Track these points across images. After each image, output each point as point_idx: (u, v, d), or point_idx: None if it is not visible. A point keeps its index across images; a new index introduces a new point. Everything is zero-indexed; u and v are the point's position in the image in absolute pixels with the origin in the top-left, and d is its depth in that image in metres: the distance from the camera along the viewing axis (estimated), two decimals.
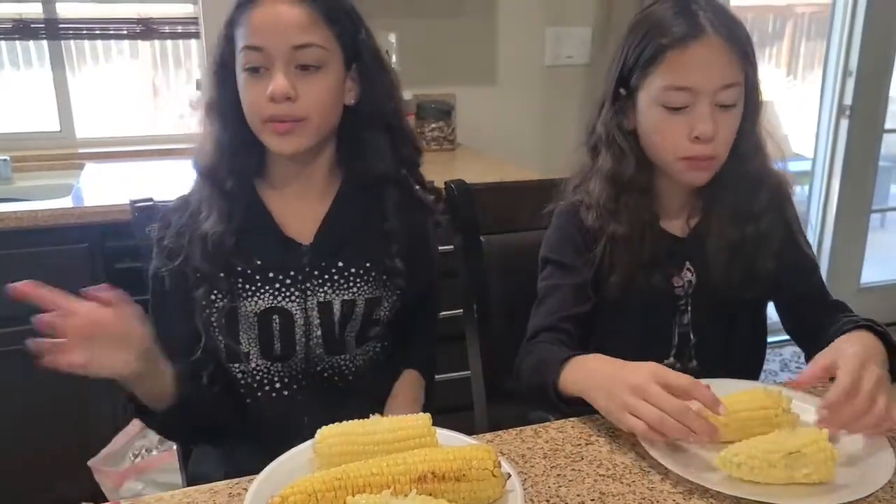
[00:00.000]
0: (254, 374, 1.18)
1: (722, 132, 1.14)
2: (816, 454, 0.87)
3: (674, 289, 1.25)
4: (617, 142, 1.22)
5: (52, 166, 2.61)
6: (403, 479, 0.81)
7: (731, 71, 1.13)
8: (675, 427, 0.90)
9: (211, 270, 1.14)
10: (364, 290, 1.19)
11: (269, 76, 1.09)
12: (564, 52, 3.01)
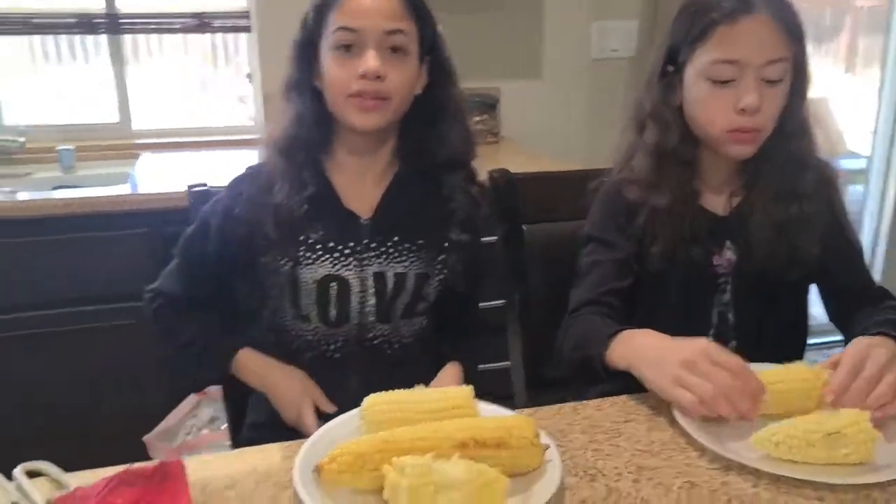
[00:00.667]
0: (310, 337, 1.27)
1: (767, 106, 1.16)
2: (857, 435, 0.87)
3: (714, 267, 1.26)
4: (663, 115, 1.24)
5: (111, 156, 2.71)
6: (446, 445, 0.84)
7: (779, 46, 1.15)
8: (725, 404, 0.92)
9: (280, 238, 1.21)
10: (415, 266, 1.26)
11: (360, 55, 1.16)
12: (610, 46, 3.00)
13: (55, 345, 2.14)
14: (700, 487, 0.87)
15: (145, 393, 2.21)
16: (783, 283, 1.24)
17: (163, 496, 0.82)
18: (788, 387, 0.99)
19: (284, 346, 1.30)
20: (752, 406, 0.93)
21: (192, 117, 2.97)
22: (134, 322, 2.18)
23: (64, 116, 2.80)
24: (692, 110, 1.22)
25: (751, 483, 0.87)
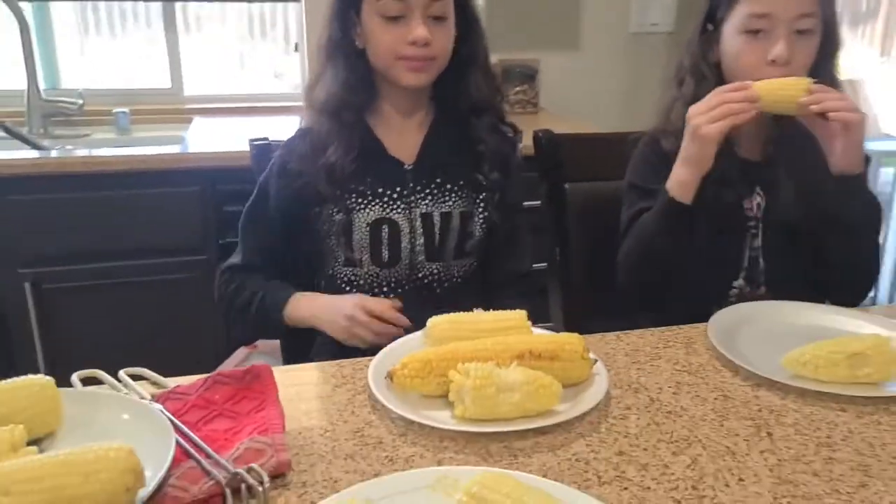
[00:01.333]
0: (366, 279, 1.35)
1: (798, 57, 1.24)
2: (878, 356, 0.96)
3: (744, 210, 1.34)
4: (700, 69, 1.34)
5: (163, 119, 2.83)
6: (505, 356, 0.94)
7: (807, 1, 1.24)
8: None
9: (333, 192, 1.31)
10: (458, 204, 1.35)
11: (406, 22, 1.24)
12: (649, 20, 3.05)
13: (110, 296, 2.25)
14: (733, 399, 0.96)
15: (198, 345, 2.33)
16: (812, 233, 1.31)
17: (254, 392, 0.93)
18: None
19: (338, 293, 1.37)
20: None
21: (237, 85, 3.07)
22: (187, 275, 2.30)
23: (119, 81, 2.93)
24: (728, 63, 1.32)
25: (779, 397, 0.96)
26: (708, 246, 1.30)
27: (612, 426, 0.90)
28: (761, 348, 1.06)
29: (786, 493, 0.77)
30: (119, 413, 0.85)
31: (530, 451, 0.84)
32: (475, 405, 0.87)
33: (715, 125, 1.19)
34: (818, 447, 0.85)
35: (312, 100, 1.34)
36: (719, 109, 1.18)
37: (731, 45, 1.30)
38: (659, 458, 0.83)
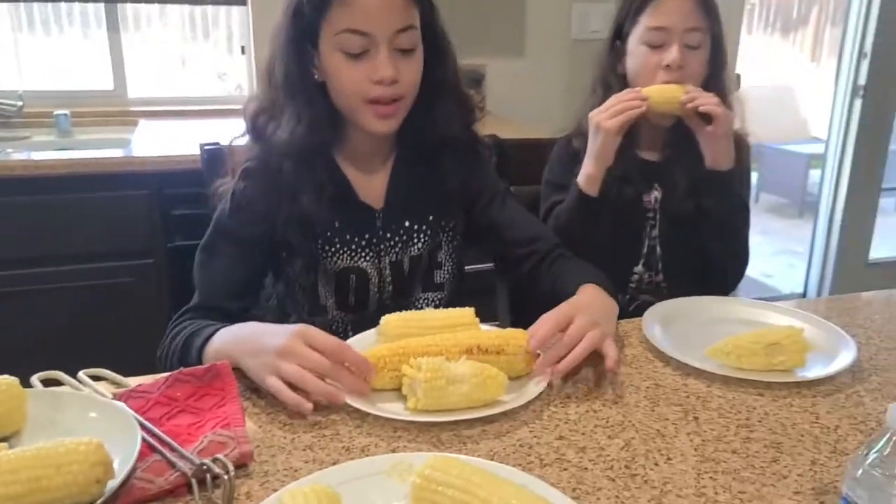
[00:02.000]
0: (330, 325, 1.30)
1: (688, 66, 1.42)
2: (792, 345, 1.05)
3: (643, 204, 1.52)
4: (608, 80, 1.52)
5: (106, 122, 2.80)
6: (454, 350, 1.00)
7: (696, 17, 1.42)
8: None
9: (302, 241, 1.23)
10: (427, 244, 1.32)
11: (370, 58, 1.13)
12: (590, 27, 3.16)
13: (56, 301, 2.23)
14: (664, 387, 1.04)
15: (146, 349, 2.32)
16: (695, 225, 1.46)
17: (215, 388, 0.97)
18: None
19: None
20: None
21: (178, 87, 3.07)
22: (135, 279, 2.30)
23: (58, 82, 2.88)
24: (632, 71, 1.49)
25: (705, 384, 1.05)
26: (611, 237, 1.45)
27: (553, 413, 0.97)
28: (690, 340, 1.15)
29: (708, 470, 0.85)
30: (85, 411, 0.88)
31: (478, 437, 0.91)
32: (427, 397, 0.93)
33: (613, 120, 1.36)
34: (738, 428, 0.94)
35: (266, 136, 1.22)
36: (615, 107, 1.37)
37: (635, 56, 1.47)
38: (595, 441, 0.90)
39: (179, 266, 1.39)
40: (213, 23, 3.06)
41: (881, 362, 1.13)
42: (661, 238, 1.52)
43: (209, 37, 3.08)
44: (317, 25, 1.15)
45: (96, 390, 0.98)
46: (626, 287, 1.54)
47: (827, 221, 3.79)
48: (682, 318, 1.24)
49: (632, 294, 1.54)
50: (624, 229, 1.50)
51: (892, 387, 1.05)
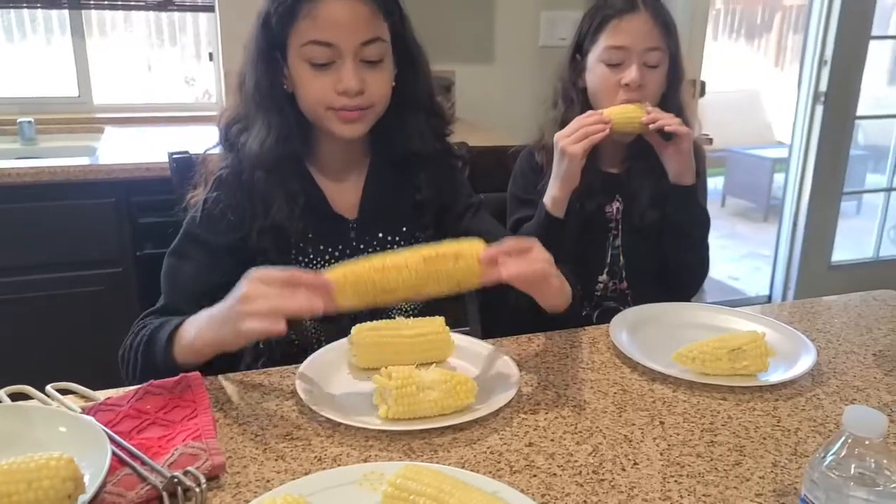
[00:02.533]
0: (303, 336, 1.29)
1: (647, 84, 1.46)
2: (754, 350, 1.08)
3: (606, 215, 1.55)
4: (569, 94, 1.54)
5: (71, 129, 2.78)
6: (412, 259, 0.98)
7: (654, 37, 1.45)
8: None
9: (276, 252, 1.22)
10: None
11: (336, 69, 1.14)
12: (558, 34, 3.20)
13: (21, 311, 2.21)
14: (631, 393, 1.06)
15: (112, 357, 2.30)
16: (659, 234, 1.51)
17: (186, 400, 0.97)
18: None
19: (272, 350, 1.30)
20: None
21: (145, 93, 3.04)
22: (102, 288, 2.28)
23: (20, 89, 2.84)
24: (592, 88, 1.52)
25: (671, 389, 1.07)
26: (576, 247, 1.48)
27: (523, 420, 0.98)
28: (656, 346, 1.17)
29: (673, 474, 0.87)
30: (54, 426, 0.88)
31: (449, 445, 0.92)
32: (398, 404, 0.94)
33: (578, 145, 1.38)
34: (702, 432, 0.96)
35: (240, 145, 1.22)
36: (579, 132, 1.39)
37: (594, 73, 1.50)
38: (564, 447, 0.92)
39: (149, 274, 1.37)
40: (179, 28, 3.04)
41: (839, 366, 1.16)
42: (624, 247, 1.55)
43: (176, 42, 3.06)
44: (284, 37, 1.16)
45: (65, 404, 0.97)
46: (592, 295, 1.57)
47: (791, 225, 3.87)
48: (648, 324, 1.27)
49: (597, 301, 1.57)
50: (588, 240, 1.53)
51: (849, 389, 1.08)
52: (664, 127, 1.40)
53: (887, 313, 1.37)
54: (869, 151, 4.38)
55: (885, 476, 0.72)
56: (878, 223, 4.06)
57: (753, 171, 5.84)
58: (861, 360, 1.18)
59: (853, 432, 0.73)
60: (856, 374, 1.13)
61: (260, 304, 0.93)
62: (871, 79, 3.73)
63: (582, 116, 1.42)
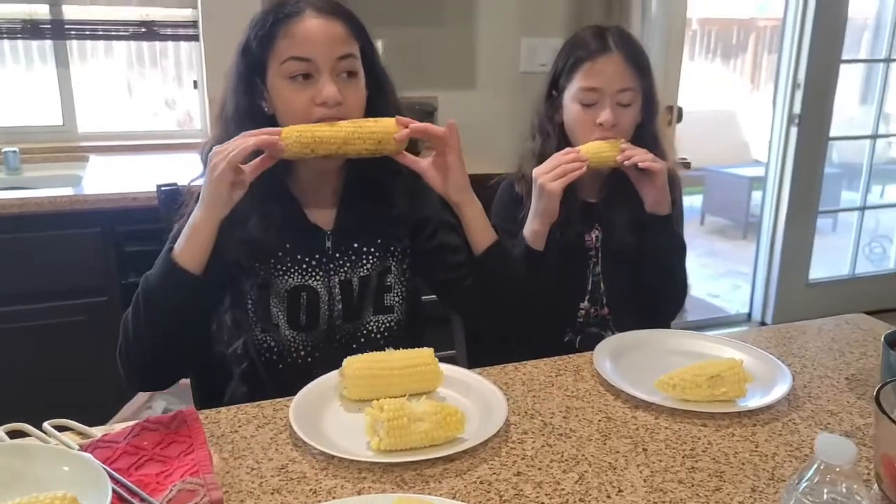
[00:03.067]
0: (282, 344, 1.32)
1: (621, 123, 1.51)
2: (732, 377, 1.12)
3: (586, 243, 1.60)
4: (546, 129, 1.59)
5: (57, 158, 2.78)
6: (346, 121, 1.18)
7: (627, 78, 1.51)
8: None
9: (252, 264, 1.29)
10: (376, 265, 1.35)
11: (314, 83, 1.22)
12: (538, 60, 3.26)
13: (5, 342, 2.21)
14: (615, 420, 1.09)
15: (98, 387, 2.30)
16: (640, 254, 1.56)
17: (182, 436, 0.99)
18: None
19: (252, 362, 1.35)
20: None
21: (128, 121, 3.06)
22: (87, 317, 2.29)
23: (7, 119, 2.85)
24: (568, 126, 1.57)
25: (653, 416, 1.11)
26: (558, 275, 1.53)
27: (511, 450, 1.01)
28: (638, 373, 1.21)
29: (657, 500, 0.90)
30: (57, 464, 0.89)
31: (440, 476, 0.95)
32: (390, 436, 0.97)
33: (556, 182, 1.43)
34: (684, 458, 1.00)
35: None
36: (557, 170, 1.44)
37: (570, 111, 1.56)
38: (552, 475, 0.95)
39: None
40: (160, 53, 3.06)
41: (814, 390, 1.20)
42: (604, 274, 1.60)
43: (157, 66, 3.08)
44: (264, 59, 1.24)
45: (63, 441, 0.99)
46: (574, 321, 1.61)
47: (769, 243, 3.94)
48: (630, 352, 1.30)
49: (579, 327, 1.61)
50: (568, 267, 1.58)
51: (824, 414, 1.12)
52: (639, 164, 1.45)
53: (859, 337, 1.42)
54: (843, 170, 4.47)
55: (855, 500, 0.76)
56: (854, 240, 4.14)
57: (731, 189, 5.93)
58: (835, 384, 1.23)
59: (825, 460, 0.77)
60: (830, 399, 1.17)
61: (226, 150, 1.13)
62: (843, 100, 3.83)
63: (560, 154, 1.46)
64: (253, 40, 1.25)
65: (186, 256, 1.16)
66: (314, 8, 1.23)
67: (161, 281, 1.17)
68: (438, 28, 3.10)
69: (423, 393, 1.13)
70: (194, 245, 1.16)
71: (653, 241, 1.53)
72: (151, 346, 1.18)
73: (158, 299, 1.16)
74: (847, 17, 3.61)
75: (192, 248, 1.16)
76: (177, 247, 1.17)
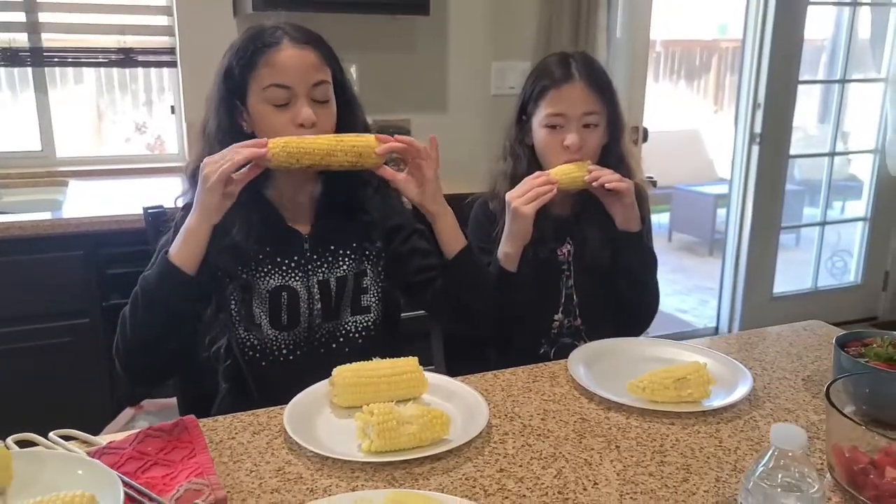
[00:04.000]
0: (264, 342, 1.41)
1: (587, 144, 1.60)
2: (697, 379, 1.21)
3: (559, 257, 1.67)
4: (517, 151, 1.68)
5: (36, 183, 2.81)
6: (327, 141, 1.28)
7: (590, 103, 1.60)
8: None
9: (235, 268, 1.39)
10: (352, 267, 1.45)
11: (292, 107, 1.34)
12: (507, 84, 3.37)
13: None
14: (589, 421, 1.17)
15: (83, 408, 2.33)
16: (610, 272, 1.64)
17: (184, 442, 1.05)
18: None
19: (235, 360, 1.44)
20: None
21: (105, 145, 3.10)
22: (70, 339, 2.32)
23: None
24: (538, 149, 1.66)
25: (625, 416, 1.19)
26: (532, 289, 1.60)
27: (493, 449, 1.08)
28: (610, 378, 1.29)
29: (629, 491, 0.98)
30: (70, 469, 0.95)
31: (428, 474, 1.02)
32: (380, 438, 1.04)
33: (529, 205, 1.52)
34: (654, 454, 1.08)
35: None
36: (530, 193, 1.53)
37: (538, 134, 1.65)
38: (532, 471, 1.02)
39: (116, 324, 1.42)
40: (131, 79, 3.09)
41: (773, 390, 1.29)
42: (577, 287, 1.68)
43: (127, 92, 3.11)
44: (245, 83, 1.36)
45: (69, 449, 1.04)
46: (549, 333, 1.69)
47: (734, 259, 4.07)
48: (602, 358, 1.39)
49: (554, 338, 1.69)
50: (542, 281, 1.66)
51: (781, 411, 1.21)
52: (606, 185, 1.54)
53: (815, 342, 1.52)
54: (804, 187, 4.63)
55: (807, 483, 0.85)
56: (815, 255, 4.29)
57: (697, 207, 6.08)
58: (792, 384, 1.32)
59: (779, 446, 0.85)
60: (787, 398, 1.26)
61: (218, 163, 1.24)
62: (802, 119, 3.98)
63: (531, 178, 1.55)
64: (235, 66, 1.36)
65: (182, 257, 1.27)
66: (290, 38, 1.36)
67: (158, 279, 1.28)
68: (411, 53, 3.19)
69: (409, 399, 1.20)
70: (189, 247, 1.27)
71: (626, 257, 1.62)
72: (146, 341, 1.29)
73: (155, 295, 1.27)
74: (803, 39, 3.77)
75: (187, 250, 1.27)
76: (172, 249, 1.28)
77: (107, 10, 2.88)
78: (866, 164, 4.25)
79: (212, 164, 1.25)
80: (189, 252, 1.27)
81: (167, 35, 2.97)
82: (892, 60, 3.94)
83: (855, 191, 4.42)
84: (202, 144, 1.40)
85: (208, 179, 1.24)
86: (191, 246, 1.27)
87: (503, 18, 3.31)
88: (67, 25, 2.87)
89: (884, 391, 1.11)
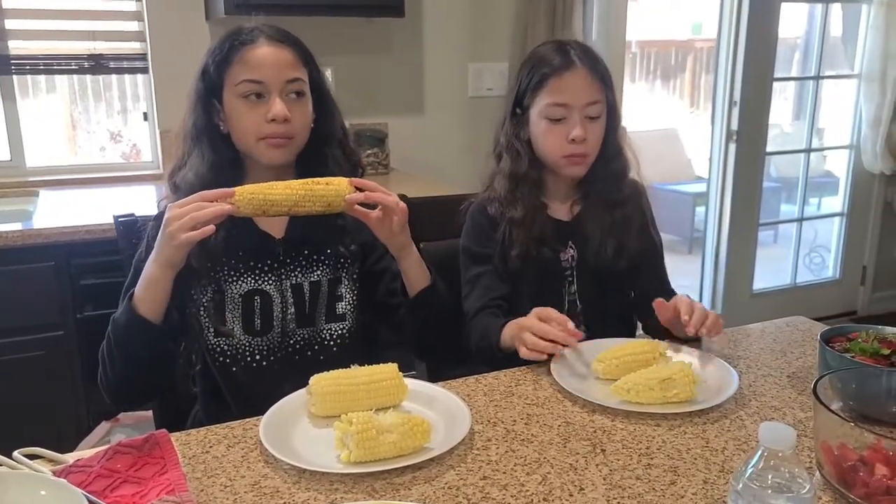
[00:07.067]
0: (237, 349, 1.39)
1: (591, 137, 1.53)
2: (682, 379, 1.19)
3: (561, 262, 1.60)
4: (515, 147, 1.59)
5: (5, 193, 2.75)
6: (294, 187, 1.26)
7: (594, 91, 1.53)
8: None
9: (205, 267, 1.37)
10: (326, 273, 1.44)
11: (265, 103, 1.35)
12: (485, 85, 3.36)
13: None
14: (574, 424, 1.15)
15: (58, 422, 2.28)
16: (615, 276, 1.59)
17: (155, 457, 1.01)
18: (634, 358, 1.30)
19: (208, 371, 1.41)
20: (566, 336, 1.28)
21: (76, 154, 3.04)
22: (43, 352, 2.26)
23: None
24: (537, 142, 1.58)
25: (609, 419, 1.16)
26: (535, 294, 1.53)
27: (476, 456, 1.06)
28: (595, 380, 1.27)
29: (616, 496, 0.96)
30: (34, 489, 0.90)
31: (409, 484, 0.98)
32: (359, 448, 1.00)
33: (531, 355, 1.32)
34: (640, 457, 1.05)
35: (179, 181, 1.39)
36: (538, 344, 1.31)
37: (538, 128, 1.56)
38: (516, 478, 1.00)
39: (90, 336, 1.38)
40: (105, 87, 3.05)
41: (759, 388, 1.28)
42: (580, 293, 1.60)
43: (101, 100, 3.06)
44: (221, 81, 1.37)
45: (34, 469, 1.00)
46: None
47: (713, 257, 4.08)
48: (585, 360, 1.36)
49: None
50: (544, 288, 1.58)
51: (768, 409, 1.20)
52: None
53: (799, 338, 1.51)
54: (781, 184, 4.65)
55: (797, 483, 0.82)
56: (794, 251, 4.31)
57: (676, 206, 6.09)
58: (777, 381, 1.30)
59: (768, 446, 0.83)
60: (773, 396, 1.25)
61: (183, 221, 1.20)
62: (778, 117, 4.00)
63: (538, 323, 1.33)
64: (211, 65, 1.38)
65: (146, 307, 1.27)
66: (267, 36, 1.37)
67: (126, 328, 1.28)
68: (387, 55, 3.17)
69: (388, 407, 1.17)
70: (152, 295, 1.27)
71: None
72: (126, 378, 1.32)
73: (125, 342, 1.28)
74: (777, 37, 3.79)
75: (150, 298, 1.27)
76: (136, 292, 1.27)
77: (76, 17, 2.82)
78: (842, 159, 4.28)
79: (176, 221, 1.21)
80: (153, 300, 1.27)
81: (139, 41, 2.92)
82: (865, 57, 3.97)
83: (831, 187, 4.45)
84: (181, 145, 1.41)
85: (174, 238, 1.21)
86: (153, 294, 1.26)
87: (479, 20, 3.30)
88: (36, 32, 2.81)
89: (871, 386, 1.10)
